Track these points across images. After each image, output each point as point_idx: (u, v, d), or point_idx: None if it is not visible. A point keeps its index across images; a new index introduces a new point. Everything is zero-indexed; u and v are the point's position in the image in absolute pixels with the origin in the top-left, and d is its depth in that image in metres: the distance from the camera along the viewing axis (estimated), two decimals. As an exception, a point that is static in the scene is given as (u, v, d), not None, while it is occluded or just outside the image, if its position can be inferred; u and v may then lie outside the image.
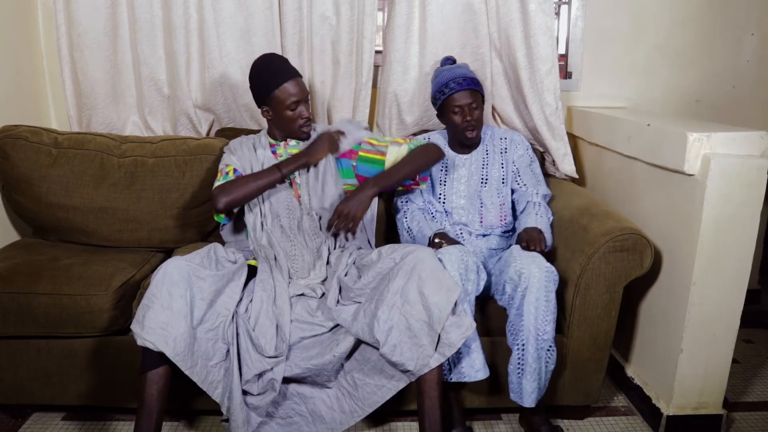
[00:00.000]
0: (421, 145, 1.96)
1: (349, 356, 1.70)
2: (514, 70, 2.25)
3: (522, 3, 2.18)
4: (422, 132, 2.32)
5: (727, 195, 1.67)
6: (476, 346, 1.74)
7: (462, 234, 2.05)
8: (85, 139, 2.15)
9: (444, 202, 2.09)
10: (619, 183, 2.16)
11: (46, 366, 1.83)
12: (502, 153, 2.11)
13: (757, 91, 2.60)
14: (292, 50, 2.27)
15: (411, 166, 1.92)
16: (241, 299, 1.71)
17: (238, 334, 1.65)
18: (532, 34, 2.17)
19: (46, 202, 2.08)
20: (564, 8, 2.55)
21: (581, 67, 2.53)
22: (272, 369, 1.64)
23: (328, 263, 1.87)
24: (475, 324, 1.66)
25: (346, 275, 1.79)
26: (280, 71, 1.87)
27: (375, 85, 2.39)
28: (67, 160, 2.09)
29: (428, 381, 1.62)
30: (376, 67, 2.37)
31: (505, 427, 1.95)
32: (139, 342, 1.54)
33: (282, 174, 1.86)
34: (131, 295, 1.85)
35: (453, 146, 2.13)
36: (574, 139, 2.46)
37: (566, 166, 2.31)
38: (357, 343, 1.68)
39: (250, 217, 1.91)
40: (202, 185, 2.11)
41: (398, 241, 2.09)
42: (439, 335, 1.61)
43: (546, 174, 2.29)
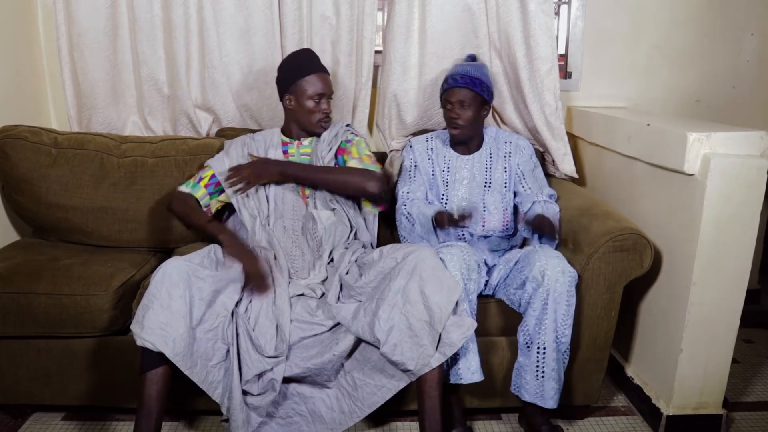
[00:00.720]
0: (375, 168, 1.91)
1: (349, 356, 1.70)
2: (514, 69, 2.25)
3: (522, 3, 2.18)
4: (423, 132, 2.32)
5: (727, 195, 1.67)
6: (473, 347, 1.74)
7: (464, 235, 2.04)
8: (84, 139, 2.15)
9: (446, 203, 2.09)
10: (619, 183, 2.16)
11: (46, 366, 1.83)
12: (506, 157, 2.11)
13: (757, 91, 2.60)
14: (292, 50, 2.25)
15: (336, 175, 1.89)
16: (240, 299, 1.70)
17: (237, 335, 1.65)
18: (532, 33, 2.17)
19: (46, 202, 2.07)
20: (564, 8, 2.55)
21: (581, 67, 2.53)
22: (272, 369, 1.64)
23: (330, 262, 1.87)
24: (476, 324, 1.66)
25: (347, 273, 1.79)
26: (310, 63, 1.95)
27: (375, 85, 2.39)
28: (66, 160, 2.09)
29: (429, 381, 1.62)
30: (376, 67, 2.37)
31: (505, 427, 1.95)
32: (139, 342, 1.54)
33: (217, 239, 1.79)
34: (131, 295, 1.85)
35: (454, 146, 2.13)
36: (574, 139, 2.46)
37: (566, 166, 2.31)
38: (357, 342, 1.68)
39: (248, 220, 1.92)
40: (202, 185, 2.12)
41: (399, 240, 2.10)
42: (440, 335, 1.61)
43: (546, 174, 2.29)
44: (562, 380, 1.76)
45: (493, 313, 1.86)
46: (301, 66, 1.94)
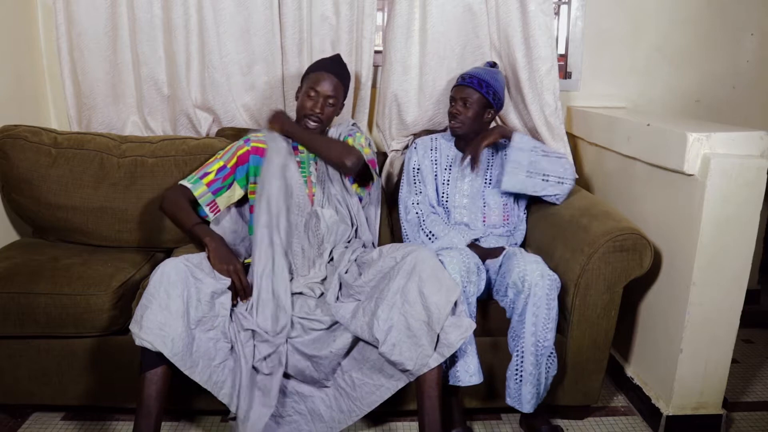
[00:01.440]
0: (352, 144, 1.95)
1: (346, 355, 1.70)
2: (514, 70, 2.25)
3: (521, 3, 2.18)
4: (425, 133, 2.32)
5: (727, 195, 1.67)
6: (471, 350, 1.74)
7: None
8: (84, 139, 2.15)
9: (447, 201, 2.10)
10: (619, 183, 2.16)
11: (46, 366, 1.83)
12: (504, 154, 2.11)
13: (757, 91, 2.60)
14: (292, 50, 2.27)
15: (321, 141, 1.91)
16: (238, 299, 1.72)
17: (241, 331, 1.66)
18: (532, 34, 2.17)
19: (46, 202, 2.07)
20: (564, 8, 2.54)
21: (581, 67, 2.53)
22: (276, 349, 1.65)
23: (330, 261, 1.88)
24: (474, 325, 1.66)
25: (346, 272, 1.79)
26: (328, 63, 1.98)
27: (375, 85, 2.39)
28: (66, 160, 2.09)
29: (428, 381, 1.62)
30: (376, 67, 2.37)
31: (505, 427, 1.95)
32: (137, 342, 1.54)
33: (203, 244, 1.78)
34: (131, 295, 1.85)
35: (458, 145, 2.13)
36: (573, 139, 2.46)
37: (566, 166, 2.30)
38: (354, 341, 1.69)
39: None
40: (202, 185, 2.11)
41: (398, 240, 2.10)
42: (438, 335, 1.61)
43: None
44: (546, 385, 1.76)
45: (493, 314, 1.86)
46: (319, 63, 1.98)
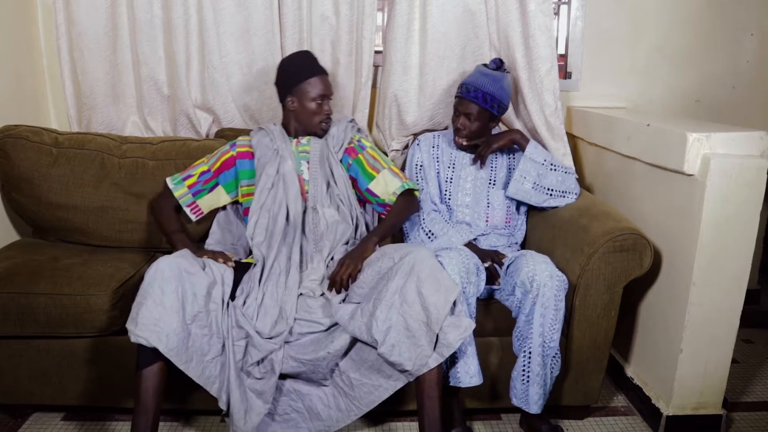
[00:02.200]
0: (407, 197, 2.00)
1: (344, 355, 1.70)
2: (514, 70, 2.24)
3: (521, 3, 2.18)
4: (424, 132, 2.32)
5: (727, 195, 1.67)
6: (472, 350, 1.74)
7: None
8: (85, 139, 2.15)
9: (449, 199, 2.10)
10: (619, 183, 2.16)
11: (46, 366, 1.83)
12: (509, 156, 2.13)
13: (757, 91, 2.60)
14: (292, 50, 2.26)
15: (398, 218, 1.98)
16: (236, 295, 1.73)
17: (234, 327, 1.66)
18: (531, 34, 2.17)
19: (46, 202, 2.08)
20: (564, 8, 2.54)
21: (581, 67, 2.53)
22: (272, 353, 1.65)
23: (331, 260, 1.87)
24: (474, 325, 1.66)
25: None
26: (311, 65, 1.97)
27: (375, 85, 2.39)
28: (67, 159, 2.09)
29: (428, 381, 1.62)
30: (376, 68, 2.37)
31: (505, 427, 1.95)
32: (133, 339, 1.54)
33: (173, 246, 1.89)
34: (131, 295, 1.83)
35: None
36: (573, 139, 2.46)
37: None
38: (352, 342, 1.69)
39: (255, 211, 1.92)
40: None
41: (400, 240, 2.10)
42: (437, 335, 1.61)
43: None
44: (549, 385, 1.76)
45: (494, 314, 1.86)
46: (303, 69, 1.96)
